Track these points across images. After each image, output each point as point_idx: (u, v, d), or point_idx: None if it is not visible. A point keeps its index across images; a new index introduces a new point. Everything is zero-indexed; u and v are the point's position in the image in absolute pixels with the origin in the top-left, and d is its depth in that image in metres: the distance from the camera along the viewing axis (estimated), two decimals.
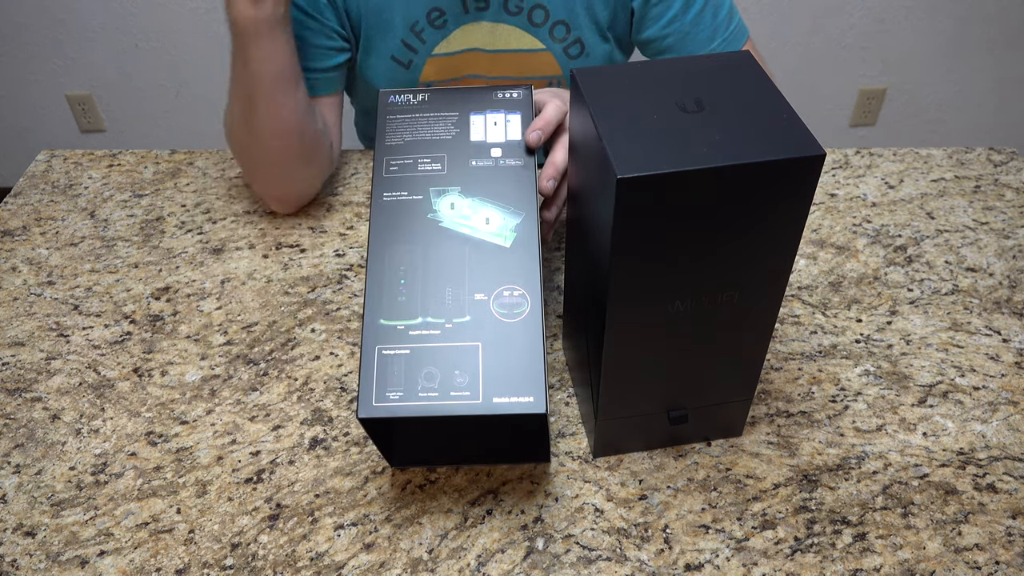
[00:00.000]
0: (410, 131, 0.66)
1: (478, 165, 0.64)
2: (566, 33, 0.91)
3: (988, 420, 0.70)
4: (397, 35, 0.88)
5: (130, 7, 2.00)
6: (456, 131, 0.66)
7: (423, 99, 0.68)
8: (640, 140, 0.50)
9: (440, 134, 0.66)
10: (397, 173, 0.64)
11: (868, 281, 0.84)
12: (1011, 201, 0.93)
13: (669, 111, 0.52)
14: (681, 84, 0.54)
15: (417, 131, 0.66)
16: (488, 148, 0.65)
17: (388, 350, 0.56)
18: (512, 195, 0.62)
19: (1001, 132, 2.30)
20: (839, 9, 2.02)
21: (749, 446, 0.68)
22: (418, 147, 0.65)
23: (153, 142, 2.26)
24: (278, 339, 0.79)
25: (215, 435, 0.70)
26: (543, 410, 0.54)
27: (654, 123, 0.51)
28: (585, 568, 0.60)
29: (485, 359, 0.56)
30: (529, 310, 0.57)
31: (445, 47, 0.90)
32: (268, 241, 0.90)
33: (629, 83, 0.54)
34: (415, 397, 0.55)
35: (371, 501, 0.65)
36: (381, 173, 0.64)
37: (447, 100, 0.68)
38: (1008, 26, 2.07)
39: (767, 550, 0.61)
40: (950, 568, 0.60)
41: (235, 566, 0.61)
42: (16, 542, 0.63)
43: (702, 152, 0.48)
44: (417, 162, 0.64)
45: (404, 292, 0.58)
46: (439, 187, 0.63)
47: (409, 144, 0.65)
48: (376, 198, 0.63)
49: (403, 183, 0.63)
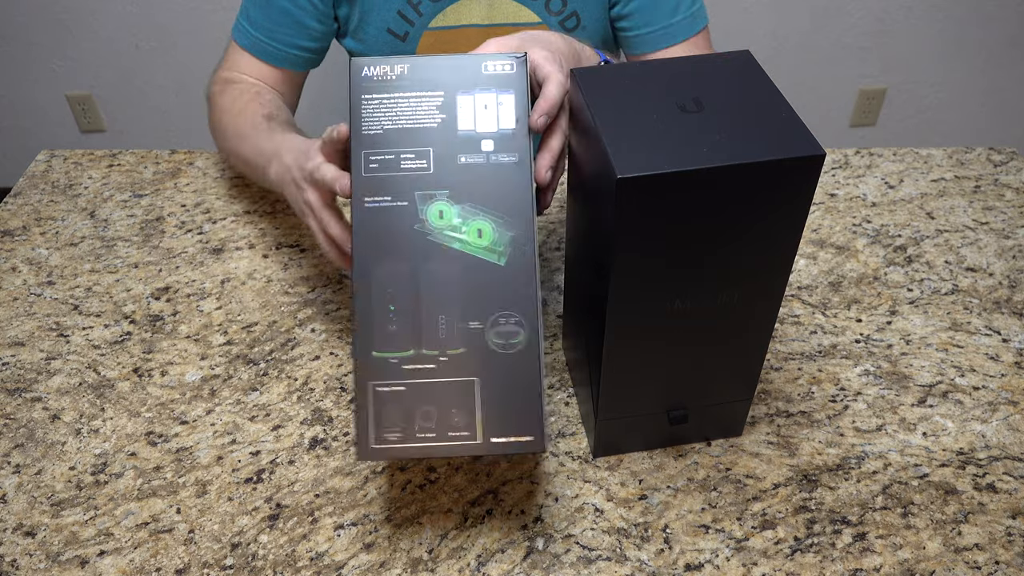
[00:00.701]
0: (389, 116, 0.58)
1: (468, 162, 0.58)
2: (562, 6, 0.91)
3: (988, 420, 0.70)
4: (393, 6, 0.89)
5: (130, 7, 2.00)
6: (442, 117, 0.58)
7: (402, 71, 0.59)
8: (640, 140, 0.50)
9: (424, 121, 0.58)
10: (378, 172, 0.57)
11: (868, 281, 0.84)
12: (1011, 201, 0.93)
13: (669, 111, 0.52)
14: (681, 84, 0.54)
15: (397, 116, 0.58)
16: (478, 141, 0.58)
17: (383, 387, 0.55)
18: (506, 201, 0.57)
19: (1001, 132, 2.29)
20: (839, 9, 2.02)
21: (749, 446, 0.68)
22: (399, 138, 0.58)
23: (153, 142, 2.26)
24: (278, 339, 0.79)
25: (215, 435, 0.70)
26: (543, 449, 0.54)
27: (654, 123, 0.51)
28: (585, 568, 0.60)
29: (483, 396, 0.55)
30: (526, 341, 0.55)
31: (442, 20, 0.90)
32: (268, 241, 0.90)
33: (629, 83, 0.54)
34: (413, 438, 0.54)
35: (371, 501, 0.65)
36: (360, 171, 0.57)
37: (429, 73, 0.59)
38: (1007, 26, 2.07)
39: (767, 550, 0.61)
40: (950, 568, 0.60)
41: (235, 566, 0.61)
42: (16, 542, 0.63)
43: (702, 152, 0.48)
44: (400, 158, 0.58)
45: (395, 320, 0.56)
46: (425, 191, 0.58)
47: (389, 134, 0.58)
48: (357, 203, 0.57)
49: (386, 185, 0.57)
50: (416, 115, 0.58)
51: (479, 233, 0.57)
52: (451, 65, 0.59)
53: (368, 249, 0.56)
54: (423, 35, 0.91)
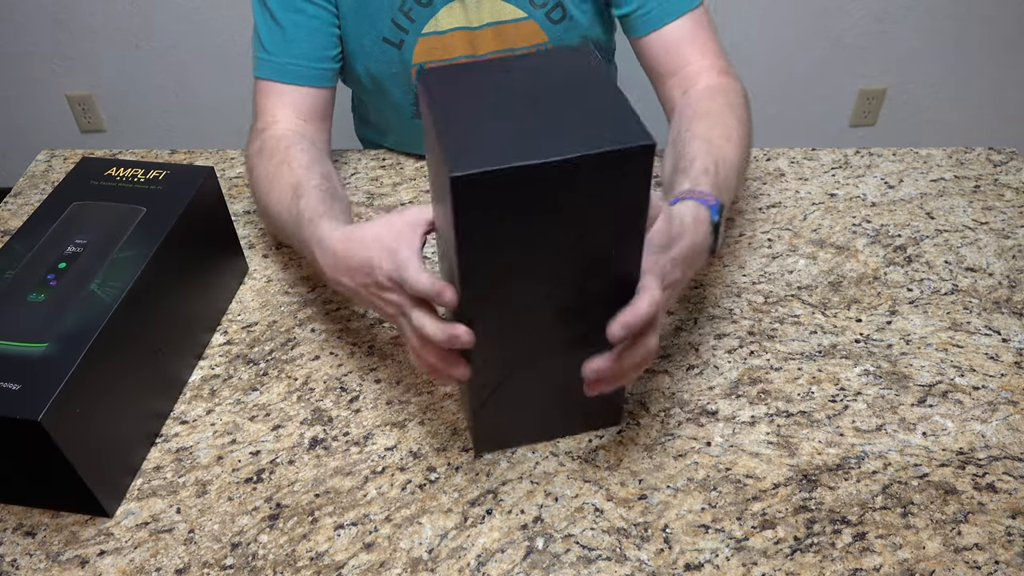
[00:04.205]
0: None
1: None
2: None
3: (988, 420, 0.70)
4: (386, 15, 0.89)
5: (130, 7, 2.00)
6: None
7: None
8: (477, 138, 0.50)
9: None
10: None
11: (868, 281, 0.84)
12: (1011, 201, 0.93)
13: (509, 108, 0.52)
14: (523, 81, 0.55)
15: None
16: None
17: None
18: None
19: (1001, 132, 2.30)
20: (839, 9, 2.02)
21: (749, 446, 0.68)
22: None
23: (153, 142, 2.26)
24: (278, 339, 0.79)
25: (215, 435, 0.70)
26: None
27: (493, 121, 0.51)
28: (585, 568, 0.60)
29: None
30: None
31: (434, 25, 0.90)
32: (268, 241, 0.90)
33: (474, 82, 0.55)
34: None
35: (371, 501, 0.65)
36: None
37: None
38: (1008, 26, 2.06)
39: (767, 550, 0.61)
40: (950, 568, 0.60)
41: (235, 566, 0.61)
42: (16, 542, 0.63)
43: (536, 147, 0.49)
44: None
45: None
46: None
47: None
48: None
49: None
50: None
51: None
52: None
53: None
54: (417, 42, 0.91)
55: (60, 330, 0.61)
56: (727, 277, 0.84)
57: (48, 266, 0.67)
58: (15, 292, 0.64)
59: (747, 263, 0.86)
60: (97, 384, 0.61)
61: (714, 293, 0.82)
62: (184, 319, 0.74)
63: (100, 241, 0.69)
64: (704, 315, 0.80)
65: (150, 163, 0.78)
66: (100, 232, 0.70)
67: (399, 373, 0.75)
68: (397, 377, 0.75)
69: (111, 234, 0.70)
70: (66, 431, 0.57)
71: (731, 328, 0.79)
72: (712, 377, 0.74)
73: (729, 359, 0.76)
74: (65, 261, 0.67)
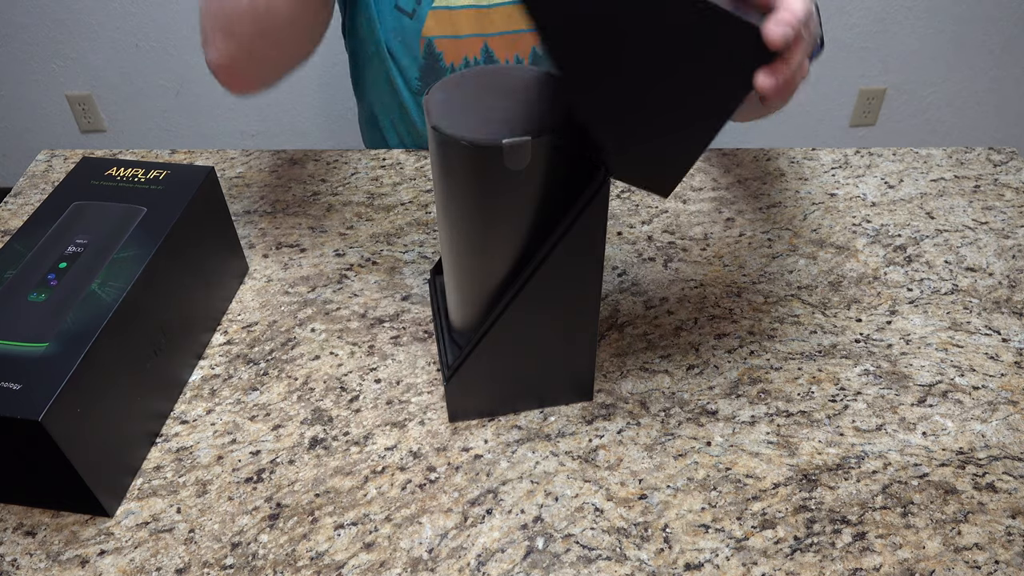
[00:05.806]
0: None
1: None
2: None
3: (988, 420, 0.70)
4: None
5: (130, 7, 2.00)
6: None
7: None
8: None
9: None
10: None
11: (868, 281, 0.84)
12: (1011, 201, 0.93)
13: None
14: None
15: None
16: None
17: None
18: None
19: (1001, 132, 2.30)
20: (839, 9, 2.02)
21: (749, 446, 0.68)
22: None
23: (153, 142, 2.26)
24: (278, 339, 0.79)
25: (215, 435, 0.70)
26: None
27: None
28: (585, 568, 0.61)
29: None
30: None
31: (447, 0, 0.92)
32: (268, 241, 0.90)
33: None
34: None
35: (371, 501, 0.65)
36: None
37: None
38: (1008, 26, 2.07)
39: (767, 550, 0.61)
40: (950, 568, 0.60)
41: (235, 565, 0.61)
42: (16, 542, 0.63)
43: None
44: None
45: None
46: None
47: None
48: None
49: None
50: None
51: None
52: None
53: None
54: (428, 14, 0.92)
55: (60, 330, 0.61)
56: (727, 277, 0.84)
57: (48, 266, 0.67)
58: (15, 292, 0.64)
59: (747, 263, 0.86)
60: (97, 384, 0.61)
61: (714, 293, 0.83)
62: (184, 319, 0.74)
63: (100, 241, 0.69)
64: (704, 315, 0.80)
65: (150, 163, 0.78)
66: (100, 232, 0.70)
67: (399, 373, 0.75)
68: (397, 377, 0.75)
69: (111, 234, 0.70)
70: (66, 431, 0.57)
71: (731, 328, 0.79)
72: (712, 377, 0.74)
73: (729, 359, 0.76)
74: (65, 261, 0.67)
